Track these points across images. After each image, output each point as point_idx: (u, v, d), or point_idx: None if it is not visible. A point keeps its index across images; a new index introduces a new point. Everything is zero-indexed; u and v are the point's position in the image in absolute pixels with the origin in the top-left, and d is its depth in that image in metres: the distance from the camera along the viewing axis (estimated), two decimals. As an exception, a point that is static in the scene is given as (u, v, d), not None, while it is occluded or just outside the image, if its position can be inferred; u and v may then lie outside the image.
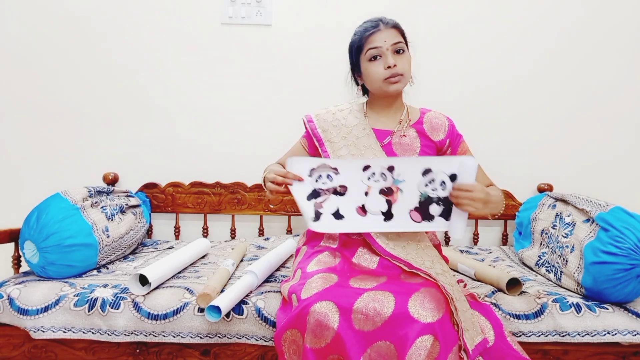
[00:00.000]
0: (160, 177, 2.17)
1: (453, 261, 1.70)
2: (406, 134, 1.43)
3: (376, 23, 1.38)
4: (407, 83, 1.41)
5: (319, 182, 1.31)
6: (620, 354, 1.38)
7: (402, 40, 1.38)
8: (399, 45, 1.36)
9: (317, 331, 1.14)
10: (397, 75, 1.36)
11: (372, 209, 1.31)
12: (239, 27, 2.15)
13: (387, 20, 1.40)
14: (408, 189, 1.30)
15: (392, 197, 1.30)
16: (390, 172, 1.30)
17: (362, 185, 1.31)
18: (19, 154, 2.17)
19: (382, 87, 1.39)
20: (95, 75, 2.15)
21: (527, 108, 2.14)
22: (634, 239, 1.33)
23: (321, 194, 1.31)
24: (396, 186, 1.30)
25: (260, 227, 2.19)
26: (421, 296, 1.16)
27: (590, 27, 2.11)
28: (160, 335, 1.36)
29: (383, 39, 1.35)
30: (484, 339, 1.20)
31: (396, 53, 1.37)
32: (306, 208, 1.30)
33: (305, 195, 1.31)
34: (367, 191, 1.31)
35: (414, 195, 1.29)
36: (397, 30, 1.38)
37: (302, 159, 1.34)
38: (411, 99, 1.51)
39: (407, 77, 1.39)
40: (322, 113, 1.50)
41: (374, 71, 1.37)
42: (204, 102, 2.17)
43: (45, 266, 1.49)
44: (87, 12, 2.13)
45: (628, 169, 2.14)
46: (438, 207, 1.29)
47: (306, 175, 1.31)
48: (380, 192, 1.31)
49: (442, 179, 1.28)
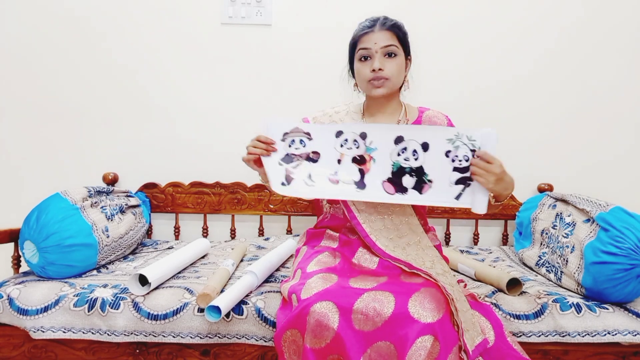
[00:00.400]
0: (160, 177, 2.17)
1: (453, 261, 1.70)
2: None
3: (372, 23, 1.37)
4: (393, 88, 1.38)
5: (292, 147, 1.30)
6: (621, 354, 1.38)
7: (394, 43, 1.35)
8: (389, 49, 1.34)
9: (317, 331, 1.14)
10: (381, 79, 1.34)
11: (344, 177, 1.30)
12: (239, 27, 2.15)
13: (385, 21, 1.37)
14: (380, 158, 1.28)
15: (364, 166, 1.29)
16: (362, 139, 1.29)
17: (335, 152, 1.30)
18: (19, 154, 2.17)
19: (367, 89, 1.39)
20: (95, 75, 2.15)
21: (527, 108, 2.14)
22: (634, 239, 1.33)
23: (294, 159, 1.30)
24: (369, 155, 1.29)
25: (260, 227, 2.19)
26: (421, 296, 1.16)
27: (590, 27, 2.11)
28: (160, 336, 1.36)
29: (374, 41, 1.34)
30: (484, 340, 1.20)
31: (387, 56, 1.35)
32: (276, 172, 1.30)
33: (277, 159, 1.30)
34: (339, 159, 1.30)
35: (386, 165, 1.28)
36: (391, 33, 1.35)
37: (277, 121, 1.31)
38: (411, 99, 1.51)
39: (393, 81, 1.36)
40: (319, 116, 1.50)
41: (361, 71, 1.37)
42: (204, 102, 2.17)
43: (45, 266, 1.49)
44: (87, 12, 2.13)
45: (628, 169, 2.14)
46: (411, 179, 1.27)
47: (279, 140, 1.30)
48: (352, 160, 1.30)
49: (414, 148, 1.26)
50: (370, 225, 1.35)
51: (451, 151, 1.24)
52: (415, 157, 1.26)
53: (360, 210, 1.37)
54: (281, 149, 1.30)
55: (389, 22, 1.37)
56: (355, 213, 1.36)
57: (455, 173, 1.24)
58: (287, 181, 1.29)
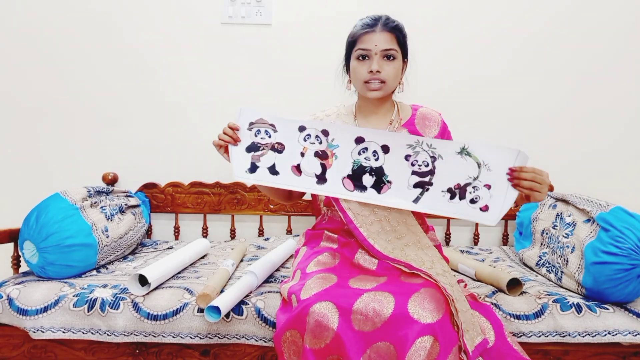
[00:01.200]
0: (159, 177, 2.17)
1: (454, 261, 1.70)
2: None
3: (374, 22, 1.35)
4: (389, 91, 1.38)
5: (257, 136, 1.35)
6: (621, 354, 1.38)
7: (394, 47, 1.34)
8: (389, 52, 1.33)
9: (316, 331, 1.14)
10: (378, 82, 1.34)
11: (306, 169, 1.35)
12: (239, 26, 2.15)
13: (387, 22, 1.35)
14: (342, 155, 1.33)
15: (326, 161, 1.34)
16: (325, 136, 1.33)
17: (298, 145, 1.34)
18: (19, 154, 2.16)
19: (363, 89, 1.38)
20: (95, 75, 2.15)
21: (527, 108, 2.14)
22: (634, 239, 1.33)
23: (259, 148, 1.35)
24: (331, 151, 1.34)
25: (260, 227, 2.18)
26: (421, 297, 1.16)
27: (592, 23, 2.10)
28: (160, 336, 1.36)
29: (374, 42, 1.33)
30: (484, 340, 1.20)
31: (385, 59, 1.34)
32: (241, 159, 1.35)
33: (243, 147, 1.35)
34: (303, 152, 1.35)
35: (347, 162, 1.33)
36: (392, 35, 1.34)
37: (250, 110, 1.35)
38: (411, 96, 1.50)
39: (389, 85, 1.36)
40: (310, 120, 1.49)
41: (358, 70, 1.36)
42: (204, 101, 2.16)
43: (45, 266, 1.49)
44: (87, 12, 2.12)
45: (628, 169, 2.14)
46: (370, 178, 1.32)
47: (245, 129, 1.34)
48: (315, 154, 1.34)
49: (374, 149, 1.31)
50: (368, 228, 1.34)
51: (411, 155, 1.30)
52: (375, 157, 1.31)
53: (356, 214, 1.35)
54: (247, 137, 1.35)
55: (390, 23, 1.35)
56: (351, 217, 1.35)
57: (413, 177, 1.30)
58: (252, 169, 1.35)
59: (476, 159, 1.26)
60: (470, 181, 1.27)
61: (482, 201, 1.27)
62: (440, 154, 1.28)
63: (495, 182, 1.26)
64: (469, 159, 1.27)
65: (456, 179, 1.28)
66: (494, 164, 1.26)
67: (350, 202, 1.36)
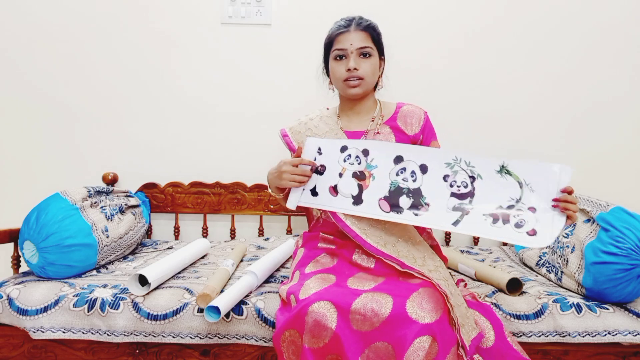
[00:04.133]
0: (159, 177, 2.17)
1: (453, 261, 1.70)
2: (380, 132, 1.44)
3: (348, 23, 1.40)
4: (368, 87, 1.42)
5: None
6: (621, 354, 1.38)
7: (369, 45, 1.39)
8: (364, 50, 1.38)
9: (315, 331, 1.14)
10: (357, 79, 1.38)
11: (343, 190, 1.34)
12: (239, 26, 2.15)
13: (361, 21, 1.40)
14: (380, 175, 1.32)
15: (364, 182, 1.33)
16: (365, 155, 1.33)
17: (338, 166, 1.34)
18: (19, 154, 2.17)
19: (342, 88, 1.42)
20: (95, 75, 2.15)
21: (527, 108, 2.14)
22: (634, 239, 1.33)
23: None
24: (369, 171, 1.32)
25: (260, 227, 2.18)
26: (419, 297, 1.16)
27: (592, 22, 2.10)
28: (160, 336, 1.36)
29: (350, 42, 1.38)
30: (479, 334, 1.21)
31: (362, 56, 1.38)
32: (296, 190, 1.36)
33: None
34: (341, 172, 1.34)
35: (384, 183, 1.31)
36: (366, 34, 1.39)
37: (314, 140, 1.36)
38: (410, 94, 1.51)
39: (368, 81, 1.40)
40: (295, 125, 1.53)
41: (337, 70, 1.41)
42: (204, 101, 2.17)
43: (45, 266, 1.49)
44: (87, 12, 2.13)
45: (628, 169, 2.14)
46: (407, 200, 1.29)
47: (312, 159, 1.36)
48: (353, 175, 1.33)
49: (412, 169, 1.29)
50: (358, 226, 1.35)
51: (449, 175, 1.27)
52: (413, 178, 1.29)
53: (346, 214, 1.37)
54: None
55: (364, 22, 1.40)
56: (340, 216, 1.36)
57: (452, 199, 1.26)
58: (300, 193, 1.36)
59: (517, 178, 1.21)
60: (513, 203, 1.21)
61: (528, 225, 1.19)
62: (479, 174, 1.24)
63: (539, 204, 1.19)
64: (509, 178, 1.22)
65: (498, 202, 1.22)
66: (536, 182, 1.20)
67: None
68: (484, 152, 2.06)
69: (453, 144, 1.95)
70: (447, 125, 1.81)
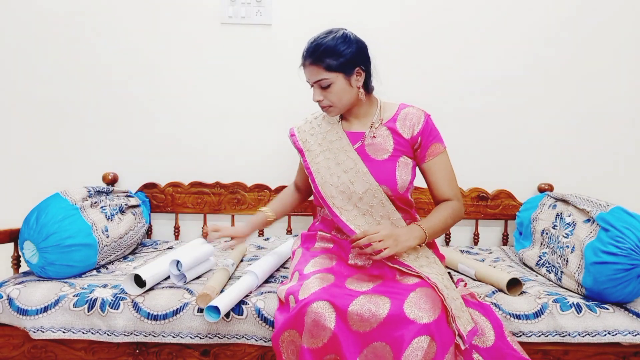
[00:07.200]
0: (159, 177, 2.17)
1: (453, 261, 1.70)
2: (377, 134, 1.43)
3: (303, 58, 1.39)
4: (343, 108, 1.41)
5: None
6: (621, 354, 1.38)
7: (324, 77, 1.34)
8: (321, 82, 1.36)
9: (314, 331, 1.14)
10: (326, 107, 1.40)
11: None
12: (239, 27, 2.15)
13: (312, 53, 1.34)
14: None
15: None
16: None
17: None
18: (19, 153, 2.16)
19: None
20: (95, 75, 2.15)
21: (527, 108, 2.14)
22: (634, 239, 1.33)
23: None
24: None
25: (260, 227, 2.18)
26: (417, 297, 1.17)
27: (593, 23, 2.10)
28: (160, 336, 1.36)
29: (307, 76, 1.40)
30: (474, 327, 1.21)
31: (321, 88, 1.37)
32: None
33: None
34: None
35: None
36: (318, 67, 1.34)
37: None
38: (409, 93, 1.50)
39: (339, 105, 1.39)
40: (301, 124, 1.56)
41: (313, 95, 1.41)
42: (204, 101, 2.16)
43: (45, 266, 1.49)
44: (87, 11, 2.12)
45: (628, 169, 2.14)
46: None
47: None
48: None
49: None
50: (353, 222, 1.38)
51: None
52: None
53: (341, 208, 1.40)
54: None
55: (315, 54, 1.34)
56: (336, 212, 1.39)
57: None
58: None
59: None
60: None
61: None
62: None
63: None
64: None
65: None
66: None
67: (335, 198, 1.40)
68: (481, 147, 2.09)
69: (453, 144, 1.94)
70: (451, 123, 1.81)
